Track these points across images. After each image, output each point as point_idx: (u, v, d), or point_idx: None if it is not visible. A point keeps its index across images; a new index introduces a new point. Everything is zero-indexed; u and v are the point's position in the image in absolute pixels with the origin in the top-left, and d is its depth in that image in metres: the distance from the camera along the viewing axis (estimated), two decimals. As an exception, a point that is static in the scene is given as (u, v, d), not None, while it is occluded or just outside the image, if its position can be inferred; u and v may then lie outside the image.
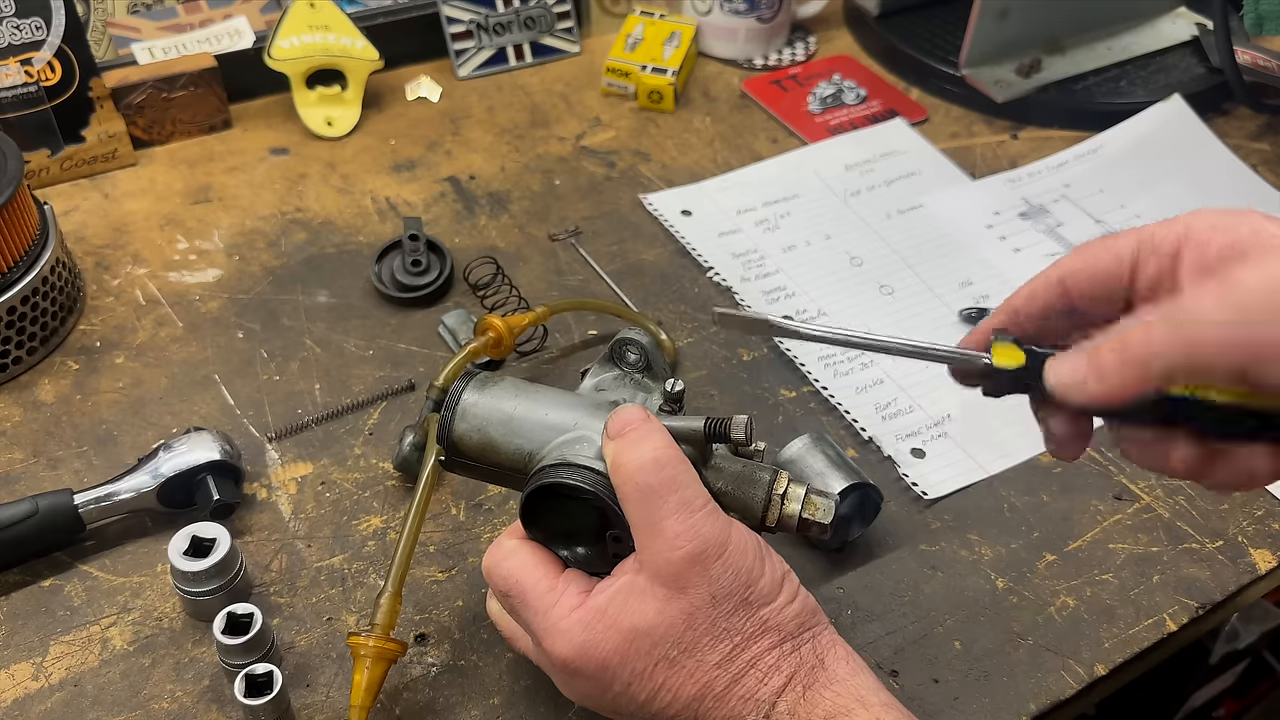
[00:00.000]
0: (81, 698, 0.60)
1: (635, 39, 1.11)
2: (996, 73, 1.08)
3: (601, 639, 0.49)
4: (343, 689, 0.61)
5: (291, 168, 0.99)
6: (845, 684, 0.49)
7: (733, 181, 0.99)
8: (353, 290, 0.86)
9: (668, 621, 0.48)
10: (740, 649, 0.49)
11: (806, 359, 0.81)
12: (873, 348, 0.49)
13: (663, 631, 0.48)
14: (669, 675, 0.49)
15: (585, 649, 0.49)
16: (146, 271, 0.87)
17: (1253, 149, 1.04)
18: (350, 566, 0.67)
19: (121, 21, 1.06)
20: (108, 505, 0.66)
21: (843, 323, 0.85)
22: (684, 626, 0.48)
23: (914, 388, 0.79)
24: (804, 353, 0.81)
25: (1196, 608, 0.66)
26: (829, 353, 0.81)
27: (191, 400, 0.77)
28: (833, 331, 0.49)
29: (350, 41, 1.03)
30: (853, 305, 0.86)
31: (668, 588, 0.48)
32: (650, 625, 0.49)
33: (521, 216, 0.94)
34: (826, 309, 0.86)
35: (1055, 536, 0.70)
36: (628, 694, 0.50)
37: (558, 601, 0.51)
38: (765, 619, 0.49)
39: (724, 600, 0.49)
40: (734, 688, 0.49)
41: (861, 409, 0.77)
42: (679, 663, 0.49)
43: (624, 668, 0.49)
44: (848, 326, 0.51)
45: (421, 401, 0.76)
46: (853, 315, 0.86)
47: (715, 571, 0.48)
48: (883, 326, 0.84)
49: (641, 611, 0.49)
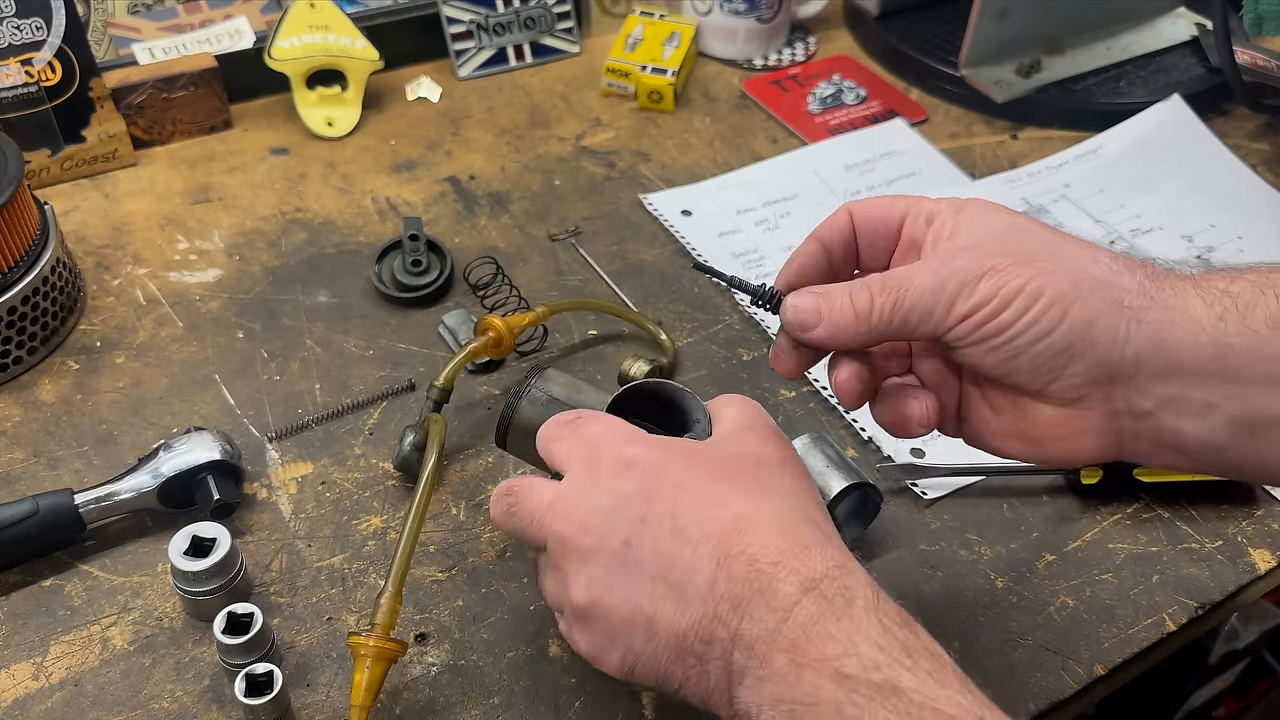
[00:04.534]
0: (82, 697, 0.60)
1: (635, 39, 1.11)
2: (996, 73, 1.08)
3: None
4: (343, 689, 0.61)
5: (292, 168, 0.99)
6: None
7: (733, 181, 0.99)
8: (353, 290, 0.86)
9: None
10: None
11: (806, 359, 0.81)
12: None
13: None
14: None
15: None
16: (147, 271, 0.87)
17: (1252, 149, 1.04)
18: (350, 566, 0.67)
19: (122, 22, 1.06)
20: (108, 505, 0.66)
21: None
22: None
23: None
24: (804, 353, 0.81)
25: (1196, 607, 0.66)
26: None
27: (192, 400, 0.77)
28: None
29: (350, 42, 1.03)
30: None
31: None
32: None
33: (521, 216, 0.94)
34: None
35: (1055, 536, 0.70)
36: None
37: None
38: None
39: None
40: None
41: (861, 409, 0.77)
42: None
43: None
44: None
45: (421, 401, 0.76)
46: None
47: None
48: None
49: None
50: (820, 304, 0.50)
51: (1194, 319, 0.45)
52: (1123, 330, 0.46)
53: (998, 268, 0.46)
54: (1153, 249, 0.92)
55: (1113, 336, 0.46)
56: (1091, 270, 0.47)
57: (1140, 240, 0.93)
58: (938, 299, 0.47)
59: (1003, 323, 0.46)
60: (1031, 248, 0.47)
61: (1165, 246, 0.92)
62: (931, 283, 0.47)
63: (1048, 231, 0.49)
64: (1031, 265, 0.46)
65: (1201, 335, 0.45)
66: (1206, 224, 0.95)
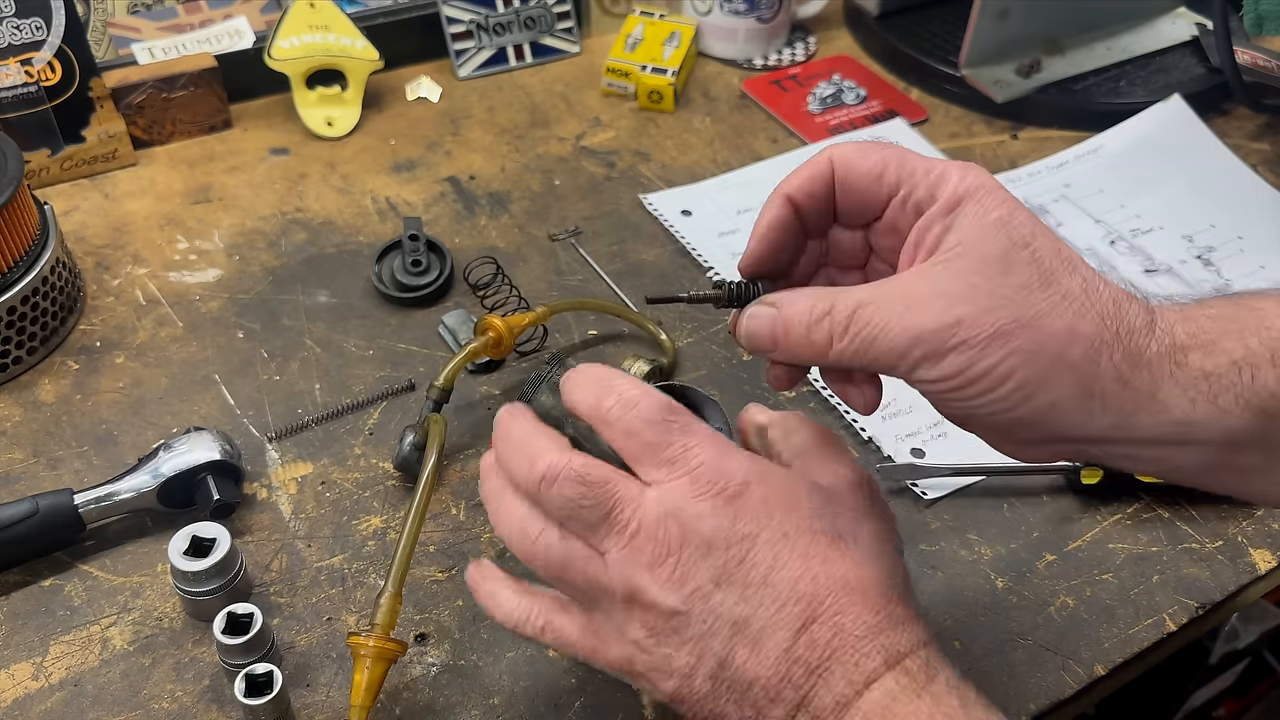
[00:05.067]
0: (81, 698, 0.60)
1: (635, 39, 1.11)
2: (996, 73, 1.08)
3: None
4: (343, 689, 0.61)
5: (291, 168, 0.99)
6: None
7: (733, 181, 0.99)
8: (353, 290, 0.86)
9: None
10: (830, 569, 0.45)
11: (806, 359, 0.81)
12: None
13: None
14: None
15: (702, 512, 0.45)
16: (147, 271, 0.87)
17: (1252, 149, 1.04)
18: (350, 566, 0.67)
19: (121, 21, 1.06)
20: (108, 505, 0.66)
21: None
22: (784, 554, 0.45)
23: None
24: (804, 353, 0.81)
25: (1196, 607, 0.66)
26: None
27: (191, 400, 0.77)
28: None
29: (350, 41, 1.03)
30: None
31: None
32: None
33: (521, 216, 0.94)
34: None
35: (1055, 536, 0.70)
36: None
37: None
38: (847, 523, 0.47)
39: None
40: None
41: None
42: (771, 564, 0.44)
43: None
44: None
45: (421, 401, 0.76)
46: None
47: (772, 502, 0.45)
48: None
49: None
50: (775, 330, 0.47)
51: (1162, 403, 0.43)
52: (1086, 414, 0.44)
53: (970, 341, 0.42)
54: (1153, 249, 0.92)
55: (1075, 419, 0.44)
56: (1071, 349, 0.43)
57: (1140, 240, 0.93)
58: (901, 360, 0.44)
59: (963, 396, 0.44)
60: (1017, 305, 0.42)
61: (1165, 246, 0.92)
62: (897, 344, 0.44)
63: (1043, 264, 0.43)
64: (1007, 341, 0.42)
65: (1166, 417, 0.44)
66: (1207, 224, 0.95)
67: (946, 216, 0.45)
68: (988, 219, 0.44)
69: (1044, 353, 0.42)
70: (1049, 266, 0.43)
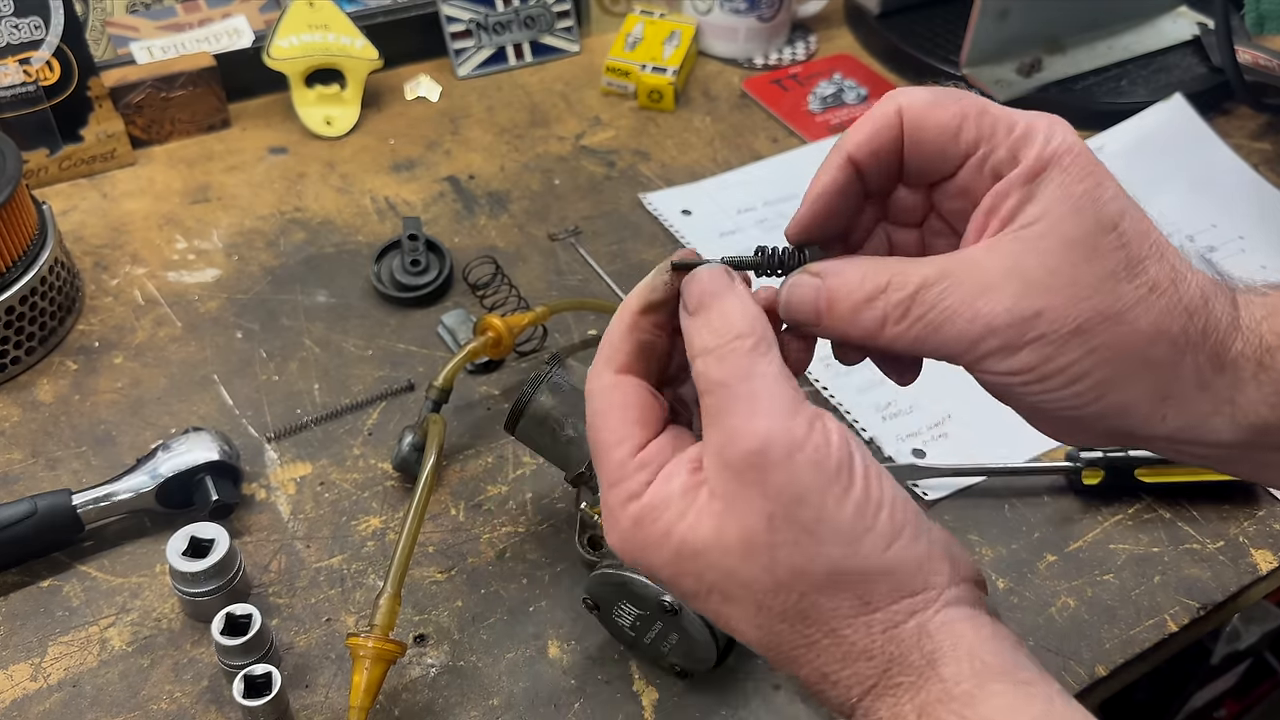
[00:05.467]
0: (80, 698, 0.60)
1: (635, 38, 1.11)
2: (997, 72, 1.08)
3: (649, 545, 0.40)
4: (342, 690, 0.61)
5: (290, 167, 0.98)
6: (967, 705, 0.36)
7: (733, 181, 0.99)
8: (352, 290, 0.86)
9: (722, 546, 0.38)
10: (807, 607, 0.37)
11: (807, 359, 0.81)
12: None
13: (716, 557, 0.38)
14: (725, 609, 0.39)
15: (632, 551, 0.40)
16: (145, 271, 0.87)
17: (1254, 148, 1.04)
18: (349, 567, 0.67)
19: (120, 21, 1.06)
20: (106, 505, 0.66)
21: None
22: (740, 556, 0.38)
23: (915, 388, 0.79)
24: (804, 353, 0.81)
25: (1198, 608, 0.66)
26: (830, 353, 0.81)
27: (190, 400, 0.77)
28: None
29: (349, 41, 1.02)
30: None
31: (723, 499, 0.38)
32: (703, 545, 0.38)
33: (521, 216, 0.94)
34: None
35: (1056, 537, 0.70)
36: (688, 602, 0.41)
37: (625, 479, 0.40)
38: (838, 566, 0.37)
39: (784, 526, 0.37)
40: (808, 655, 0.38)
41: (862, 409, 0.77)
42: (737, 600, 0.39)
43: (675, 584, 0.40)
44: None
45: (421, 401, 0.75)
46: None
47: (776, 482, 0.37)
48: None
49: (696, 524, 0.39)
50: (819, 302, 0.41)
51: (1240, 408, 0.40)
52: (1158, 417, 0.40)
53: (1049, 337, 0.38)
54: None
55: (1143, 421, 0.40)
56: (1154, 348, 0.39)
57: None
58: (968, 351, 0.39)
59: (1031, 391, 0.40)
60: (1101, 296, 0.38)
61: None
62: (966, 333, 0.39)
63: (1131, 249, 0.39)
64: (1089, 338, 0.38)
65: (1243, 421, 0.40)
66: (1208, 223, 0.95)
67: (1028, 184, 0.39)
68: (1074, 191, 0.39)
69: (1125, 352, 0.39)
70: (1136, 252, 0.39)
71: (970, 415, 0.77)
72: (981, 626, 0.38)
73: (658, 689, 0.61)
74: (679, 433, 0.42)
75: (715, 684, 0.61)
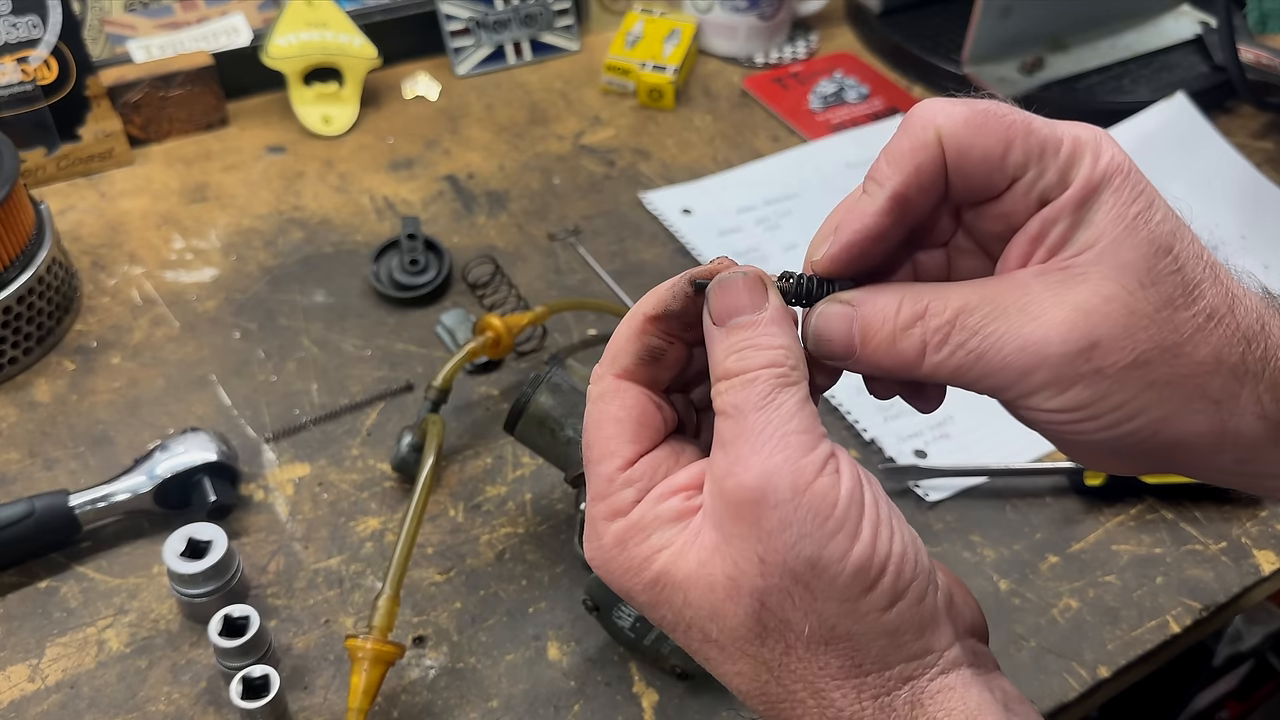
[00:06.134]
0: (78, 700, 0.60)
1: (635, 36, 1.10)
2: (999, 71, 1.07)
3: (630, 567, 0.37)
4: (340, 691, 0.60)
5: (288, 166, 0.98)
6: None
7: (733, 180, 0.98)
8: (350, 290, 0.86)
9: (707, 582, 0.35)
10: (792, 661, 0.35)
11: (807, 359, 0.80)
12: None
13: (698, 594, 0.36)
14: (705, 649, 0.37)
15: (610, 570, 0.38)
16: (143, 271, 0.87)
17: (1256, 147, 1.03)
18: (348, 568, 0.66)
19: (118, 19, 1.05)
20: (104, 506, 0.65)
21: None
22: (724, 596, 0.35)
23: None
24: (805, 352, 0.81)
25: (1200, 610, 0.66)
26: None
27: (188, 400, 0.76)
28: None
29: (348, 39, 1.02)
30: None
31: (717, 532, 0.35)
32: (685, 578, 0.36)
33: (520, 215, 0.94)
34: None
35: (1058, 538, 0.70)
36: (667, 634, 0.39)
37: (611, 494, 0.38)
38: (830, 624, 0.34)
39: (775, 572, 0.34)
40: (792, 712, 0.36)
41: (863, 409, 0.77)
42: (717, 642, 0.36)
43: (650, 612, 0.38)
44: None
45: (419, 402, 0.75)
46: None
47: (773, 522, 0.34)
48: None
49: (681, 554, 0.36)
50: (851, 333, 0.38)
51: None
52: (1214, 451, 0.37)
53: (1105, 371, 0.35)
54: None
55: (1198, 457, 0.37)
56: (1212, 381, 0.36)
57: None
58: (1015, 384, 0.36)
59: (1081, 430, 0.36)
60: (1159, 326, 0.35)
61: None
62: (1013, 364, 0.35)
63: (1187, 274, 0.36)
64: (1147, 372, 0.35)
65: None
66: (1210, 223, 0.94)
67: (1079, 210, 0.37)
68: (1127, 214, 0.36)
69: (1183, 386, 0.36)
70: (1192, 276, 0.36)
71: (972, 416, 0.76)
72: (980, 692, 0.36)
73: (658, 691, 0.61)
74: (678, 447, 0.39)
75: (715, 685, 0.61)
